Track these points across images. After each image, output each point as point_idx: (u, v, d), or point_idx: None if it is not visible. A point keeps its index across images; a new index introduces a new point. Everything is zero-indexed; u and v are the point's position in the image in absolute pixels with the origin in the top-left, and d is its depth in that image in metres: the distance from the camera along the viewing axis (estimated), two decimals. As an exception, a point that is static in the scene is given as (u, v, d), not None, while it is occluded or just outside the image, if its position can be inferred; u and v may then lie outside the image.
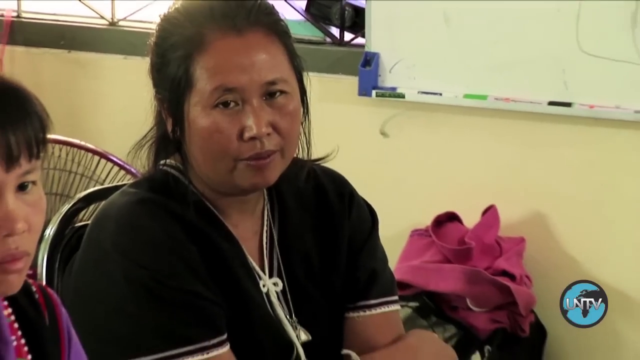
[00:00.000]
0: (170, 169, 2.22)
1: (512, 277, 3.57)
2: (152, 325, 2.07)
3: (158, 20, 2.21)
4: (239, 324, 2.16)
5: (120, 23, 4.19)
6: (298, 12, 3.96)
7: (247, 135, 2.09)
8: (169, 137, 2.19)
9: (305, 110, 2.20)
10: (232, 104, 2.09)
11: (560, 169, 3.70)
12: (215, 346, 2.10)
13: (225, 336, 2.12)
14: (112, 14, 4.20)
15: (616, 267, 3.67)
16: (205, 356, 2.08)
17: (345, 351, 2.26)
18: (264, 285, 2.22)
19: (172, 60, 2.13)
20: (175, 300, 2.09)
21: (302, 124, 2.20)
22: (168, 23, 2.17)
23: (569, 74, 3.59)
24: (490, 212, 3.71)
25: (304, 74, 2.20)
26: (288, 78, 2.14)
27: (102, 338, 2.00)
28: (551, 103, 3.63)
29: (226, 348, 2.11)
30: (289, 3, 3.93)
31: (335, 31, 3.98)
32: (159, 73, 2.17)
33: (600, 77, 3.55)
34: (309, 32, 3.94)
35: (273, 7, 2.19)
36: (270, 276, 2.24)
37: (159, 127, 2.23)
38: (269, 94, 2.11)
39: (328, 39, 3.99)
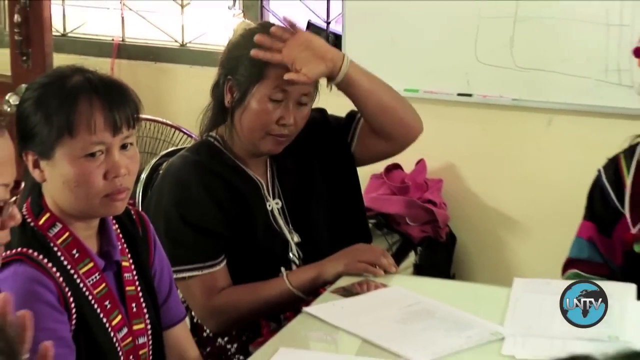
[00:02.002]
0: (214, 138, 2.22)
1: (434, 203, 3.55)
2: (173, 247, 2.07)
3: (239, 32, 2.20)
4: (251, 233, 2.16)
5: (188, 45, 4.13)
6: (299, 37, 3.90)
7: (282, 121, 2.12)
8: (218, 116, 2.22)
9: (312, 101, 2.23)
10: (280, 101, 2.12)
11: (464, 136, 3.66)
12: (208, 267, 2.11)
13: (218, 260, 2.12)
14: (182, 39, 4.13)
15: (502, 195, 3.64)
16: (200, 273, 2.11)
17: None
18: (269, 205, 2.21)
19: (250, 58, 2.11)
20: (187, 233, 2.10)
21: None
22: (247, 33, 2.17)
23: (470, 76, 3.54)
24: (420, 163, 3.68)
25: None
26: (312, 91, 2.19)
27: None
28: (459, 94, 3.58)
29: (217, 267, 2.12)
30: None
31: (323, 49, 3.92)
32: (237, 63, 2.14)
33: (490, 77, 3.51)
34: (306, 50, 3.89)
35: None
36: (274, 199, 2.23)
37: (214, 108, 2.25)
38: (300, 102, 2.15)
39: (318, 55, 3.93)
